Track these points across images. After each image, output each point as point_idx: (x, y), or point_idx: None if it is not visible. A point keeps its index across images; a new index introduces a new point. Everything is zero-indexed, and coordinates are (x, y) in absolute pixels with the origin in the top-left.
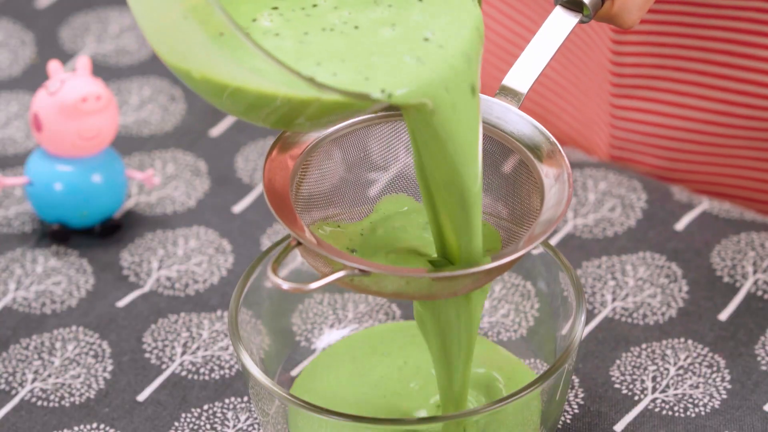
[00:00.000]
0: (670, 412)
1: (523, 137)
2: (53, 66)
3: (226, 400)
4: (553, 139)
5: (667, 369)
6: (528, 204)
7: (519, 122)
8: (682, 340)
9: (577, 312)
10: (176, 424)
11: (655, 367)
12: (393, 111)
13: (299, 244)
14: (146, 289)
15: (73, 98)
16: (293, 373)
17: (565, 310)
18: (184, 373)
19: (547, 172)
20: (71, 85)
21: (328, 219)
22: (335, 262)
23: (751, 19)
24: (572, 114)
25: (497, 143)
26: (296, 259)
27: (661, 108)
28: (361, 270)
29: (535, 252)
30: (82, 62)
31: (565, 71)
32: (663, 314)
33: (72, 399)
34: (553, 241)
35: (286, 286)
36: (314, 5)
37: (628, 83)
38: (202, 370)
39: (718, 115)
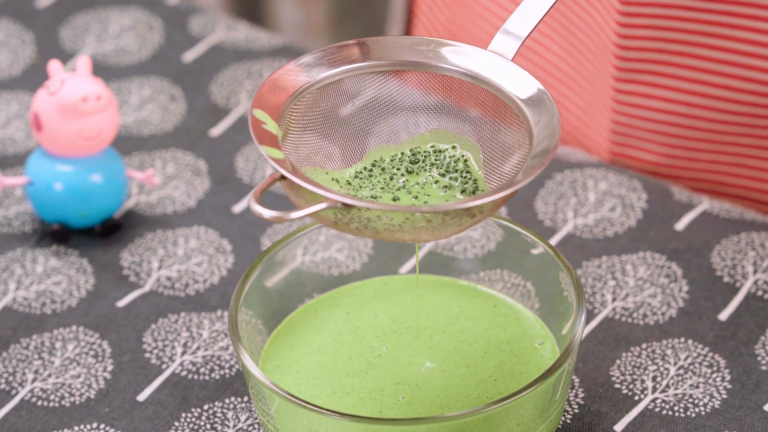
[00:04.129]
0: (670, 412)
1: (511, 86)
2: (53, 66)
3: (226, 400)
4: (541, 87)
5: (667, 369)
6: (518, 148)
7: (508, 72)
8: (683, 339)
9: (577, 312)
10: (176, 423)
11: (655, 367)
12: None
13: (283, 178)
14: (146, 288)
15: (74, 98)
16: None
17: (565, 310)
18: (184, 373)
19: (537, 118)
20: (71, 84)
21: (316, 165)
22: (317, 195)
23: (757, 5)
24: (574, 100)
25: (486, 93)
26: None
27: (664, 93)
28: (343, 204)
29: (535, 252)
30: (83, 62)
31: (568, 56)
32: (663, 314)
33: (72, 399)
34: (554, 241)
35: (267, 214)
36: None
37: (631, 67)
38: (202, 370)
39: (721, 101)
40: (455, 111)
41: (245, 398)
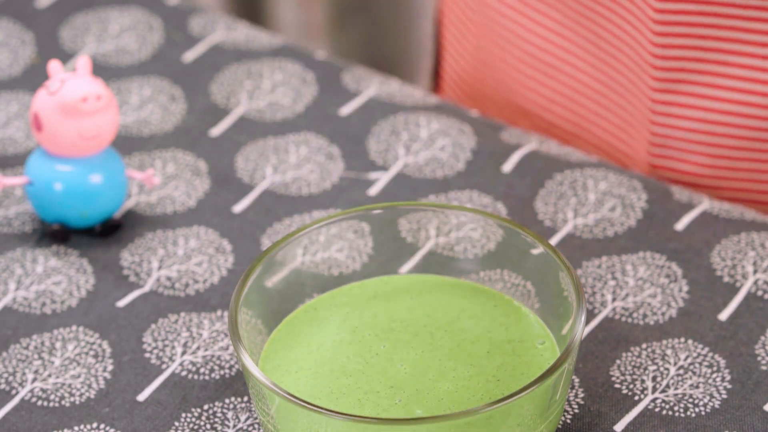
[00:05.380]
0: (670, 412)
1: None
2: (53, 66)
3: (226, 400)
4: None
5: (667, 369)
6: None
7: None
8: (683, 339)
9: (577, 312)
10: (176, 423)
11: (655, 367)
12: None
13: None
14: (146, 288)
15: (74, 98)
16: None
17: (565, 310)
18: (184, 373)
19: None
20: (71, 84)
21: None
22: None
23: None
24: (609, 118)
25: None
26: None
27: (703, 103)
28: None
29: (535, 252)
30: (83, 62)
31: (600, 73)
32: (663, 314)
33: (72, 399)
34: (554, 241)
35: None
36: None
37: (670, 77)
38: (202, 370)
39: (763, 109)
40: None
41: (245, 398)
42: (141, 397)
